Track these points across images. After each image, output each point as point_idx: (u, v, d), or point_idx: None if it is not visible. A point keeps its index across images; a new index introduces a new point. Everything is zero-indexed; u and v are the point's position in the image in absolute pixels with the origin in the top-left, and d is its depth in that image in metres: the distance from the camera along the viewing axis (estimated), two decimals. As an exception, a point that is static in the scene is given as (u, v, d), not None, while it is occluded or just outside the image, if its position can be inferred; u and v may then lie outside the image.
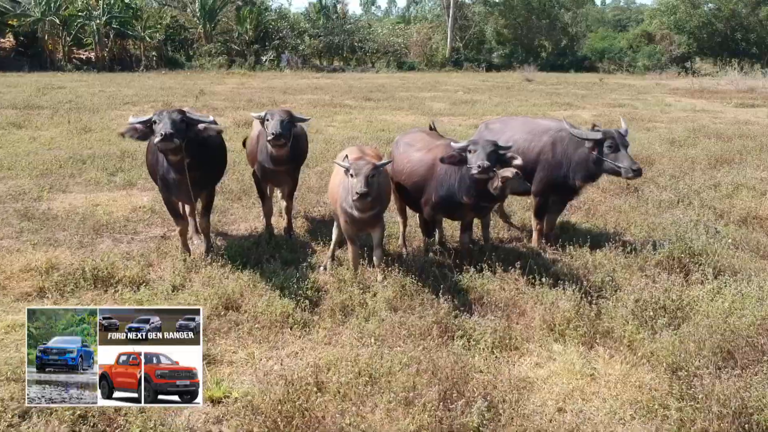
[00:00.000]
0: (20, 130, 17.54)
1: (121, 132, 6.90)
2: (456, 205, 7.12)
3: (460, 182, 6.93)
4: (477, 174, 6.46)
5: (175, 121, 6.57)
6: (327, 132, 18.59)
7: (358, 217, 6.59)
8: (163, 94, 27.73)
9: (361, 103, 26.70)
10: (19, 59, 45.11)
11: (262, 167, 8.22)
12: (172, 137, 6.41)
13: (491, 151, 6.61)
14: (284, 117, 7.68)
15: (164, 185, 7.38)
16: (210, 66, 47.87)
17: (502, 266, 6.96)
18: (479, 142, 6.81)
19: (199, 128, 6.83)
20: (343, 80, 39.96)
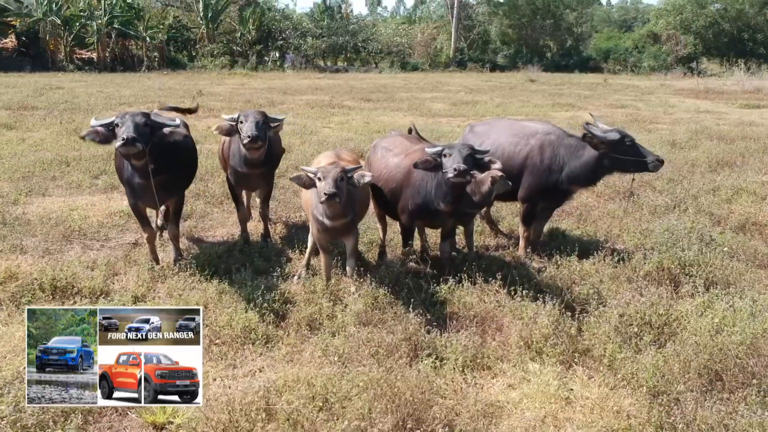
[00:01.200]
0: (10, 132, 17.28)
1: (82, 135, 6.56)
2: (433, 213, 6.80)
3: (436, 188, 6.62)
4: (453, 178, 6.14)
5: (138, 124, 6.26)
6: (322, 133, 18.27)
7: (330, 225, 6.27)
8: (161, 94, 27.43)
9: (360, 103, 26.40)
10: (21, 59, 45.00)
11: (235, 171, 7.89)
12: (134, 142, 6.10)
13: (467, 154, 6.33)
14: (259, 118, 7.36)
15: (130, 190, 7.10)
16: (212, 66, 47.59)
17: (483, 277, 6.61)
18: (455, 146, 6.48)
19: (164, 132, 6.51)
20: (344, 81, 39.65)
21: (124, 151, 6.26)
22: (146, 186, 6.73)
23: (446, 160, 6.33)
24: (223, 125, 7.60)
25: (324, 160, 6.96)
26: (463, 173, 6.09)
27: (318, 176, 5.95)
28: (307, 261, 7.29)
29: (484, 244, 8.45)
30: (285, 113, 8.48)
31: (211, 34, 52.12)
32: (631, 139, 7.29)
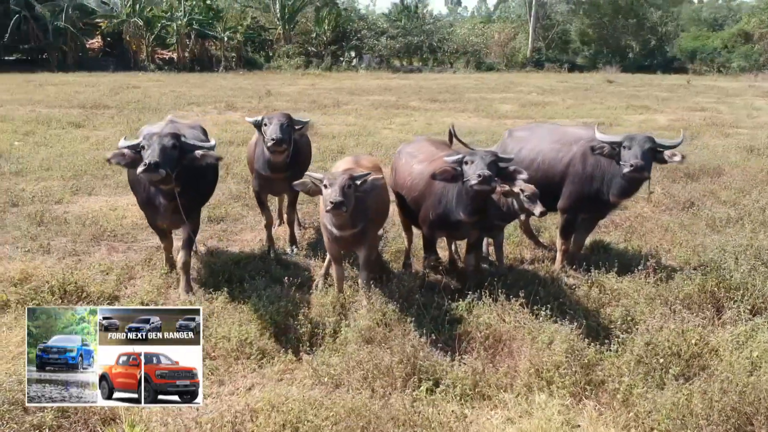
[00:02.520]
0: (77, 130, 17.76)
1: (108, 158, 5.99)
2: (455, 224, 6.36)
3: (457, 198, 6.19)
4: (477, 185, 5.71)
5: (165, 147, 5.71)
6: (380, 135, 18.01)
7: (338, 235, 5.95)
8: (230, 94, 27.86)
9: (426, 104, 26.02)
10: (106, 59, 46.83)
11: (259, 175, 7.72)
12: (156, 168, 5.55)
13: (491, 161, 5.87)
14: (284, 121, 7.19)
15: (148, 210, 6.62)
16: (287, 67, 48.16)
17: (506, 293, 6.14)
18: (477, 153, 6.02)
19: (195, 155, 5.98)
20: (415, 81, 39.31)
21: (145, 177, 5.78)
22: (170, 207, 6.23)
23: (468, 168, 5.89)
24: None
25: (343, 166, 6.64)
26: (487, 180, 5.66)
27: (324, 183, 5.62)
28: (326, 271, 6.99)
29: (520, 257, 7.95)
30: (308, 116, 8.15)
31: (288, 35, 52.77)
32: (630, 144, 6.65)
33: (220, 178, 11.69)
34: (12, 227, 8.72)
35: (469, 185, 5.83)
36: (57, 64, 43.83)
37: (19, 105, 22.79)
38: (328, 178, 5.61)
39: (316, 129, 18.45)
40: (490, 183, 5.71)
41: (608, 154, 6.71)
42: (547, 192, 7.06)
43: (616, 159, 6.69)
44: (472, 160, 5.89)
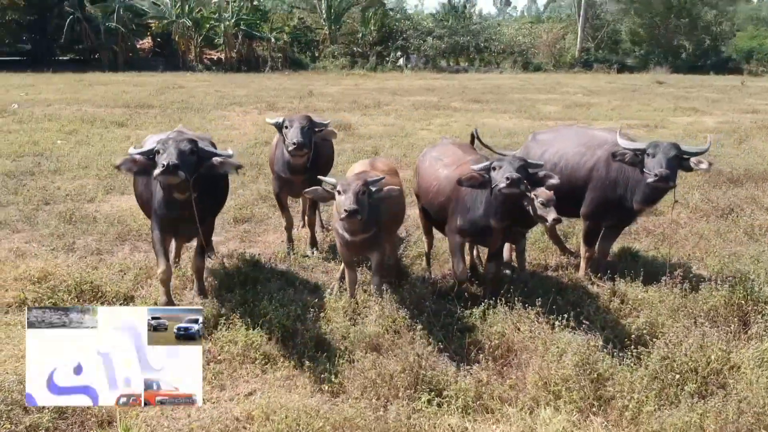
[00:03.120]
0: (120, 129, 18.08)
1: (117, 165, 5.69)
2: (483, 230, 6.17)
3: (486, 203, 6.00)
4: (506, 188, 5.55)
5: (183, 151, 5.38)
6: (416, 136, 17.89)
7: (350, 240, 5.86)
8: (273, 95, 28.06)
9: (468, 105, 25.79)
10: (155, 60, 47.69)
11: (278, 177, 7.71)
12: (176, 170, 5.20)
13: (520, 166, 5.73)
14: (304, 123, 7.16)
15: (160, 222, 6.09)
16: (332, 67, 48.33)
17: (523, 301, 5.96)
18: (504, 158, 5.88)
19: (213, 163, 5.66)
20: (459, 81, 39.01)
21: (164, 180, 5.34)
22: (187, 219, 5.83)
23: (496, 173, 5.74)
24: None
25: (358, 169, 6.57)
26: (515, 182, 5.51)
27: (338, 189, 5.51)
28: (341, 275, 6.90)
29: (544, 263, 7.74)
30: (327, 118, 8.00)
31: (334, 35, 52.95)
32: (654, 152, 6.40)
33: (251, 178, 11.86)
34: (42, 225, 8.87)
35: (498, 189, 5.67)
36: (108, 64, 44.78)
37: (67, 104, 23.33)
38: (341, 184, 5.51)
39: (353, 129, 18.46)
40: (519, 186, 5.55)
41: (631, 161, 6.47)
42: (569, 197, 6.87)
43: (640, 167, 6.44)
44: (500, 165, 5.75)
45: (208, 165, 5.64)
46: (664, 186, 6.32)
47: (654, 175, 6.19)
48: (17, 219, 9.10)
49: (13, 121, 19.15)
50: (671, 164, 6.25)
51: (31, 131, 17.01)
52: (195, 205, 5.64)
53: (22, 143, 15.00)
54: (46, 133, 16.62)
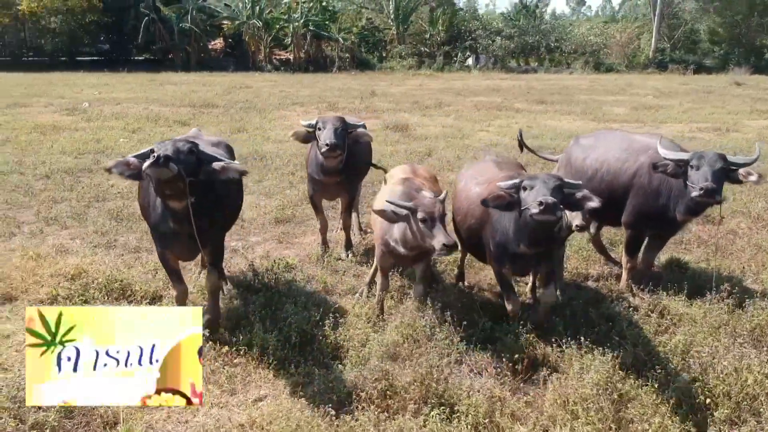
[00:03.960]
0: (183, 128, 18.35)
1: (108, 167, 4.99)
2: (515, 257, 5.53)
3: (515, 227, 5.37)
4: (539, 215, 4.83)
5: (180, 150, 4.86)
6: (474, 137, 17.62)
7: (405, 254, 5.60)
8: (336, 95, 28.19)
9: (532, 106, 25.28)
10: (226, 60, 48.73)
11: (312, 179, 7.66)
12: (167, 162, 4.62)
13: (555, 186, 5.01)
14: (338, 125, 7.05)
15: (158, 236, 5.63)
16: (399, 67, 48.32)
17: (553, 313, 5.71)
18: (537, 176, 5.15)
19: (214, 168, 5.11)
20: (526, 82, 38.34)
21: (153, 173, 4.68)
22: (183, 233, 5.27)
23: (527, 194, 5.06)
24: (299, 131, 7.36)
25: (399, 173, 6.36)
26: (550, 208, 4.77)
27: (419, 217, 5.13)
28: (371, 280, 6.77)
29: (585, 272, 7.42)
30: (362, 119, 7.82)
31: (401, 35, 52.92)
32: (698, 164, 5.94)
33: (300, 179, 11.85)
34: (90, 222, 9.07)
35: (529, 215, 4.97)
36: (181, 64, 46.07)
37: (135, 103, 24.00)
38: (423, 209, 5.15)
39: (410, 130, 18.32)
40: (555, 212, 4.83)
41: (673, 173, 6.09)
42: (610, 205, 6.55)
43: (683, 179, 6.06)
44: (531, 185, 5.04)
45: (209, 170, 5.08)
46: (710, 201, 5.93)
47: (699, 189, 5.79)
48: (68, 215, 9.33)
49: (82, 119, 19.81)
50: (717, 177, 5.84)
51: (97, 129, 17.54)
52: (192, 216, 5.04)
53: (86, 141, 15.47)
54: (111, 132, 17.10)
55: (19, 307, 6.21)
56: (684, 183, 6.05)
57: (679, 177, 6.10)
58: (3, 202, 9.97)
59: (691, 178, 5.94)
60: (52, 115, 20.44)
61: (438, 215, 5.09)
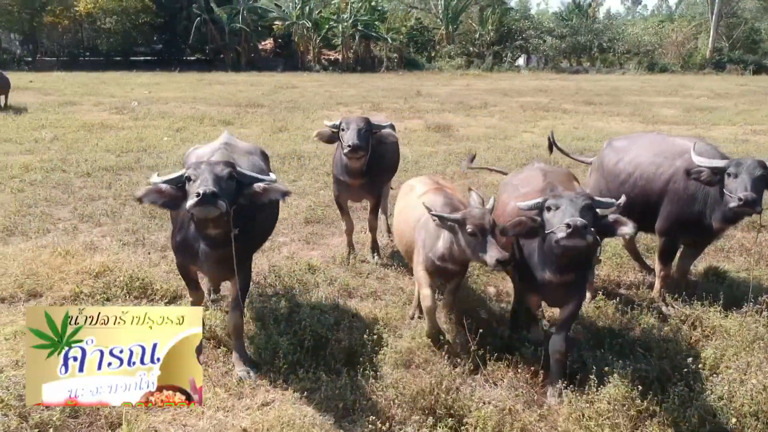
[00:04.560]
0: (225, 127, 18.53)
1: (138, 197, 4.62)
2: (542, 285, 4.85)
3: (540, 251, 4.76)
4: (566, 239, 4.21)
5: (220, 177, 4.41)
6: (517, 139, 17.33)
7: (451, 268, 5.26)
8: (381, 95, 28.16)
9: (579, 107, 24.79)
10: (275, 60, 49.26)
11: (336, 180, 7.55)
12: (215, 199, 4.19)
13: (584, 206, 4.41)
14: (362, 126, 6.92)
15: (184, 251, 5.13)
16: (448, 67, 48.13)
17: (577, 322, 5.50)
18: (564, 196, 4.54)
19: (255, 190, 4.66)
20: (576, 82, 37.73)
21: (200, 213, 4.30)
22: (219, 257, 4.81)
23: (551, 215, 4.48)
24: (323, 132, 7.29)
25: (419, 186, 5.88)
26: (579, 232, 4.15)
27: (471, 231, 4.75)
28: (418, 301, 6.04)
29: (617, 280, 7.14)
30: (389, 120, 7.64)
31: (450, 35, 52.68)
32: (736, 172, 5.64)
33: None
34: (124, 219, 9.16)
35: (554, 240, 4.36)
36: (231, 64, 46.72)
37: (183, 102, 24.35)
38: (473, 224, 4.74)
39: (452, 131, 18.13)
40: (585, 236, 4.17)
41: (708, 180, 5.77)
42: (644, 211, 6.31)
43: (720, 187, 5.76)
44: (557, 205, 4.45)
45: (249, 193, 4.64)
46: (749, 211, 5.62)
47: (738, 199, 5.47)
48: (102, 213, 9.44)
49: (130, 118, 20.17)
50: (757, 186, 5.51)
51: (142, 128, 17.82)
52: (234, 243, 4.61)
53: (130, 139, 15.71)
54: (156, 130, 17.33)
55: (43, 303, 6.26)
56: (720, 191, 5.76)
57: (714, 185, 5.80)
58: (42, 199, 10.14)
59: (729, 186, 5.64)
60: (101, 114, 20.86)
61: (489, 227, 4.71)
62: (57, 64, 46.12)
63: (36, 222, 8.87)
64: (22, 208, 9.55)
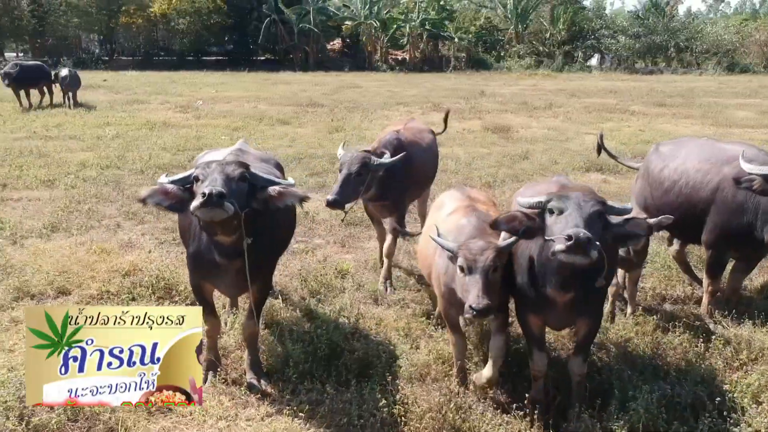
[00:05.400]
0: (283, 126, 18.66)
1: (142, 198, 4.28)
2: (543, 302, 4.24)
3: (539, 260, 4.13)
4: (565, 254, 3.61)
5: (231, 178, 4.09)
6: (577, 141, 16.79)
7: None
8: (444, 95, 27.86)
9: (649, 108, 23.87)
10: (342, 60, 49.53)
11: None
12: (221, 200, 3.82)
13: (593, 213, 3.81)
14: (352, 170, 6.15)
15: (196, 265, 4.80)
16: (516, 67, 47.36)
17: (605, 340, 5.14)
18: (571, 197, 3.87)
19: (270, 194, 4.30)
20: (648, 83, 36.48)
21: (205, 215, 3.92)
22: (230, 269, 4.51)
23: (553, 220, 3.88)
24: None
25: (450, 202, 5.17)
26: (580, 245, 3.53)
27: (459, 265, 4.09)
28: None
29: (662, 293, 6.69)
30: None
31: (520, 35, 51.85)
32: None
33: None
34: (168, 218, 9.16)
35: (551, 251, 3.74)
36: (299, 63, 47.19)
37: (246, 101, 24.62)
38: (465, 254, 4.06)
39: (511, 132, 17.68)
40: (588, 252, 3.55)
41: (761, 189, 5.29)
42: (690, 222, 5.88)
43: None
44: (561, 209, 3.85)
45: (264, 197, 4.29)
46: None
47: None
48: (147, 210, 9.48)
49: (193, 116, 20.50)
50: None
51: (202, 126, 18.08)
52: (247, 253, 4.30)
53: (188, 138, 15.92)
54: (214, 129, 17.54)
55: (70, 302, 6.28)
56: None
57: (767, 194, 5.34)
58: (92, 196, 10.31)
59: None
60: (166, 112, 21.28)
61: (481, 266, 3.96)
62: (132, 63, 47.63)
63: (81, 218, 9.01)
64: (71, 204, 9.72)
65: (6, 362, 4.98)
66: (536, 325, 4.47)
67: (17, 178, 11.41)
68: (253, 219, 4.24)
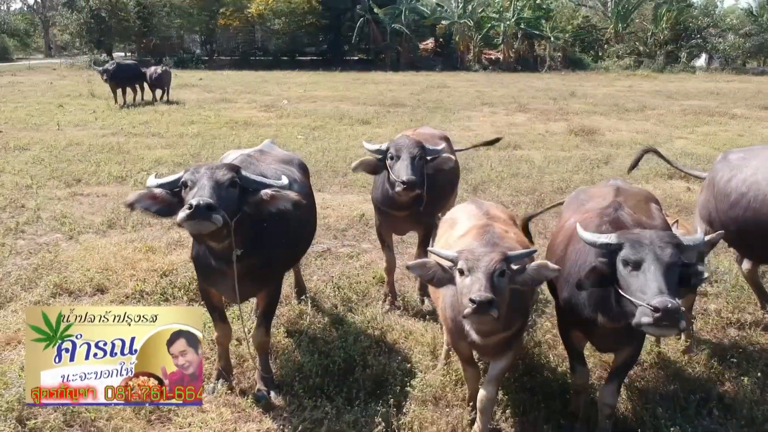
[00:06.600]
0: (362, 127, 18.57)
1: (129, 202, 4.11)
2: (589, 325, 3.95)
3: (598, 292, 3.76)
4: (653, 327, 3.27)
5: (220, 184, 3.89)
6: (667, 146, 15.76)
7: (482, 343, 3.90)
8: (531, 95, 27.18)
9: (752, 111, 22.40)
10: (434, 60, 49.29)
11: (378, 209, 6.24)
12: (209, 212, 3.63)
13: (673, 263, 3.41)
14: (415, 153, 5.56)
15: (200, 271, 4.70)
16: (615, 68, 45.70)
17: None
18: (644, 242, 3.47)
19: (261, 197, 4.11)
20: (756, 85, 34.36)
21: (192, 228, 3.78)
22: (227, 272, 4.27)
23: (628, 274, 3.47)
24: (367, 161, 5.82)
25: (465, 219, 4.58)
26: (671, 317, 3.18)
27: (460, 267, 3.61)
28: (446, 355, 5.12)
29: (728, 317, 6.05)
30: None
31: (620, 34, 49.99)
32: None
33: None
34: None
35: (635, 323, 3.35)
36: (391, 63, 47.26)
37: (331, 101, 24.75)
38: (465, 259, 3.59)
39: (596, 134, 16.91)
40: (678, 323, 3.22)
41: None
42: (758, 239, 5.27)
43: None
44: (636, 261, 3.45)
45: (255, 201, 4.11)
46: None
47: None
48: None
49: (276, 115, 20.72)
50: None
51: (282, 125, 18.23)
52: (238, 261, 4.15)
53: (265, 137, 15.84)
54: (293, 128, 17.63)
55: (105, 299, 6.30)
56: None
57: None
58: (157, 193, 10.45)
59: None
60: (250, 111, 21.62)
61: (485, 266, 3.50)
62: (229, 63, 49.05)
63: (139, 216, 9.10)
64: (134, 201, 9.87)
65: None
66: (580, 341, 4.22)
67: (92, 174, 11.74)
68: (249, 225, 4.13)
